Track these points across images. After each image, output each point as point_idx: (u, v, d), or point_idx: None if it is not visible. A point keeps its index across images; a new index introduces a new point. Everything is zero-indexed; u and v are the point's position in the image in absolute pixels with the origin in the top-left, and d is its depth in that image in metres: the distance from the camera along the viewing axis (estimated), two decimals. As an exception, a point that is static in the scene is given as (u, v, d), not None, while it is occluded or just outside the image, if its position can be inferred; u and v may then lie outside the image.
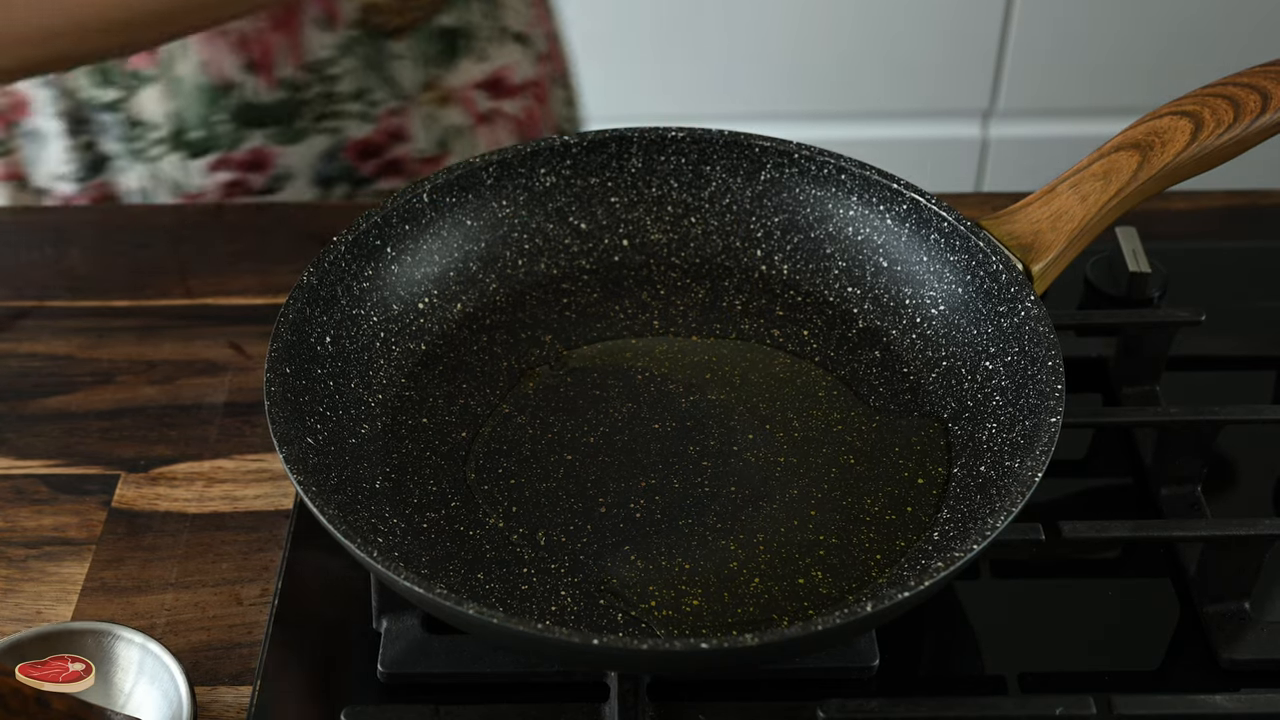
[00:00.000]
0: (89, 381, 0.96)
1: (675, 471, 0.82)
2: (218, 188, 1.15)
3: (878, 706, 0.72)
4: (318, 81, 1.12)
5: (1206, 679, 0.78)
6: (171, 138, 1.12)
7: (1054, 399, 0.76)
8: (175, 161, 1.13)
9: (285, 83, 1.11)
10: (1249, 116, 0.84)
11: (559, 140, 0.91)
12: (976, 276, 0.84)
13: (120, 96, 1.10)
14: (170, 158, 1.13)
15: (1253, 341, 0.98)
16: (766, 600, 0.76)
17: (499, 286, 0.91)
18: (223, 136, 1.12)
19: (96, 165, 1.15)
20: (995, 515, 0.72)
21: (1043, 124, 2.08)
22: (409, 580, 0.68)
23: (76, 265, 1.05)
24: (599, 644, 0.67)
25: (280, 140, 1.13)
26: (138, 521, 0.88)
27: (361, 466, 0.80)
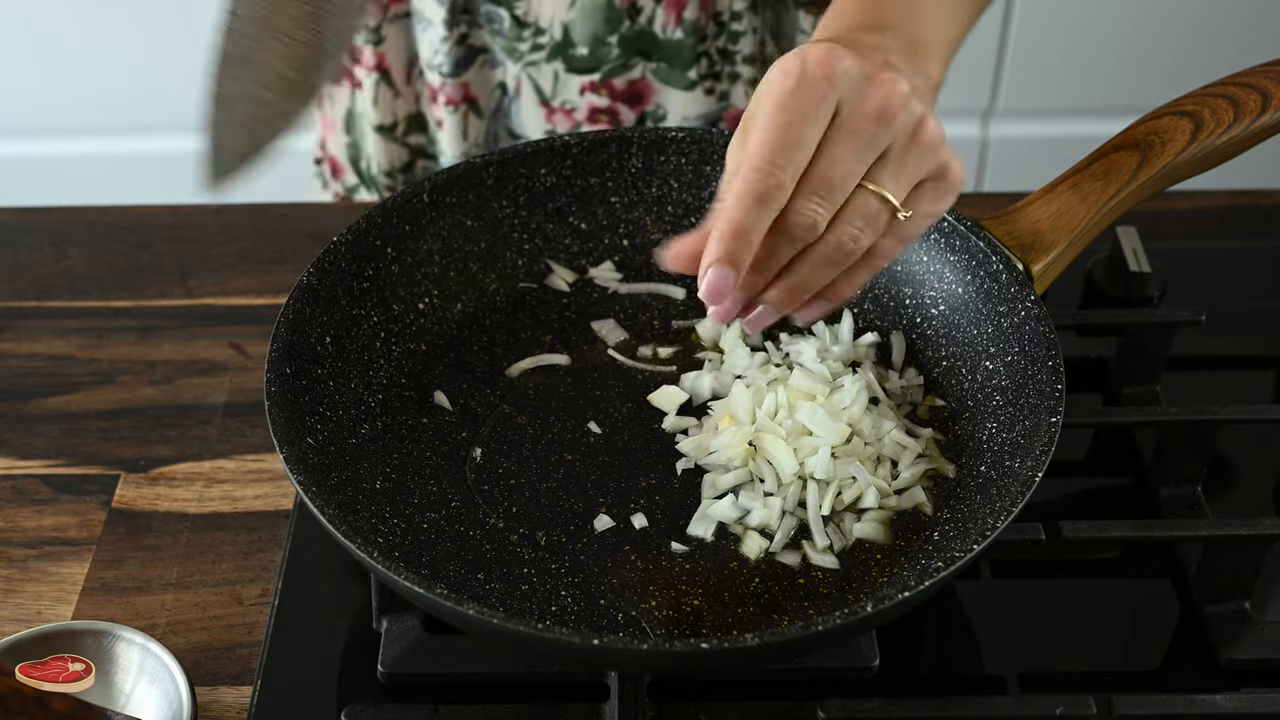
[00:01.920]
0: (89, 381, 0.96)
1: (675, 471, 0.81)
2: (586, 110, 1.14)
3: (878, 706, 0.72)
4: (720, 34, 1.09)
5: (1206, 679, 0.78)
6: (557, 47, 1.11)
7: (1054, 399, 0.76)
8: (551, 71, 1.12)
9: (689, 25, 1.09)
10: (1249, 116, 0.84)
11: (559, 140, 0.91)
12: (977, 276, 0.84)
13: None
14: (547, 67, 1.12)
15: (1253, 341, 0.98)
16: (766, 600, 0.76)
17: (499, 286, 0.91)
18: (609, 61, 1.11)
19: (466, 60, 1.14)
20: (995, 515, 0.72)
21: (1043, 124, 2.08)
22: (409, 580, 0.68)
23: (76, 265, 1.05)
24: (599, 644, 0.67)
25: (663, 78, 1.11)
26: (138, 521, 0.88)
27: (362, 466, 0.80)
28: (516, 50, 1.12)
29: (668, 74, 1.11)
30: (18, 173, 2.07)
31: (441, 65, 1.14)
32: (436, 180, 0.88)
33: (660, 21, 1.08)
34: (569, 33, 1.10)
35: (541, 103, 1.14)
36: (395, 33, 1.16)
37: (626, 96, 1.12)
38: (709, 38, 1.10)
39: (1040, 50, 2.03)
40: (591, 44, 1.10)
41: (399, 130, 1.21)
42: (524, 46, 1.11)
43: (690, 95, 1.13)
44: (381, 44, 1.16)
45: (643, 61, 1.11)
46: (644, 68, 1.11)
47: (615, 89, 1.12)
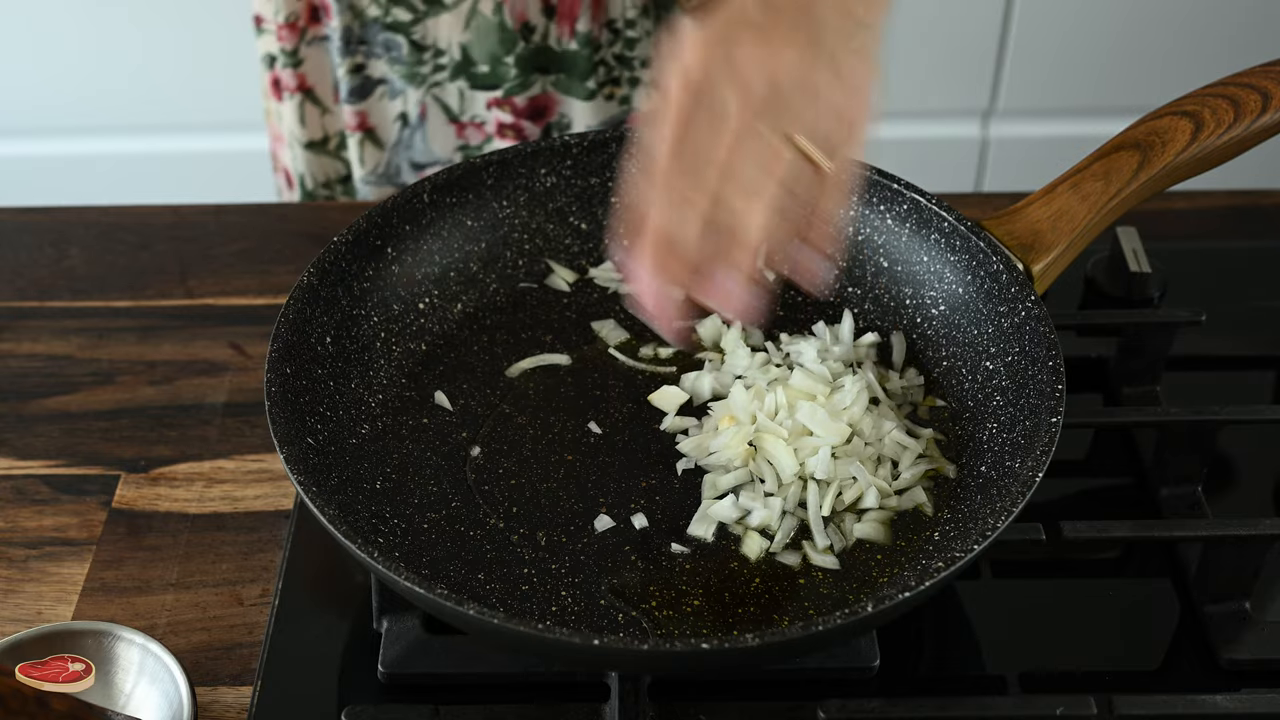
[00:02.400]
0: (89, 381, 0.96)
1: (675, 471, 0.81)
2: (494, 124, 1.14)
3: (878, 706, 0.72)
4: (616, 41, 1.10)
5: (1206, 679, 0.78)
6: (459, 66, 1.12)
7: (1054, 399, 0.76)
8: (456, 89, 1.13)
9: (583, 36, 1.09)
10: (1249, 116, 0.84)
11: (559, 140, 0.91)
12: (977, 277, 0.84)
13: (411, 19, 1.10)
14: (452, 85, 1.13)
15: (1253, 341, 0.98)
16: (766, 600, 0.76)
17: (499, 286, 0.91)
18: (508, 80, 1.11)
19: (363, 89, 1.15)
20: (995, 515, 0.72)
21: (1043, 124, 2.08)
22: (410, 580, 0.68)
23: (76, 265, 1.05)
24: (599, 644, 0.67)
25: (567, 90, 1.12)
26: (138, 522, 0.88)
27: (362, 466, 0.80)
28: (418, 74, 1.13)
29: (568, 85, 1.12)
30: (18, 173, 2.07)
31: (342, 90, 1.16)
32: (436, 180, 0.88)
33: (554, 36, 1.09)
34: (468, 52, 1.11)
35: (451, 120, 1.15)
36: (315, 54, 1.18)
37: (529, 112, 1.14)
38: (604, 46, 1.11)
39: (1040, 50, 2.03)
40: (491, 63, 1.11)
41: (331, 145, 1.23)
42: (425, 69, 1.12)
43: (592, 104, 1.14)
44: (300, 65, 1.18)
45: (541, 77, 1.12)
46: (543, 82, 1.12)
47: (517, 106, 1.13)
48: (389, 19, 1.10)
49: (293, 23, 1.15)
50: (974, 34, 2.04)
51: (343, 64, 1.13)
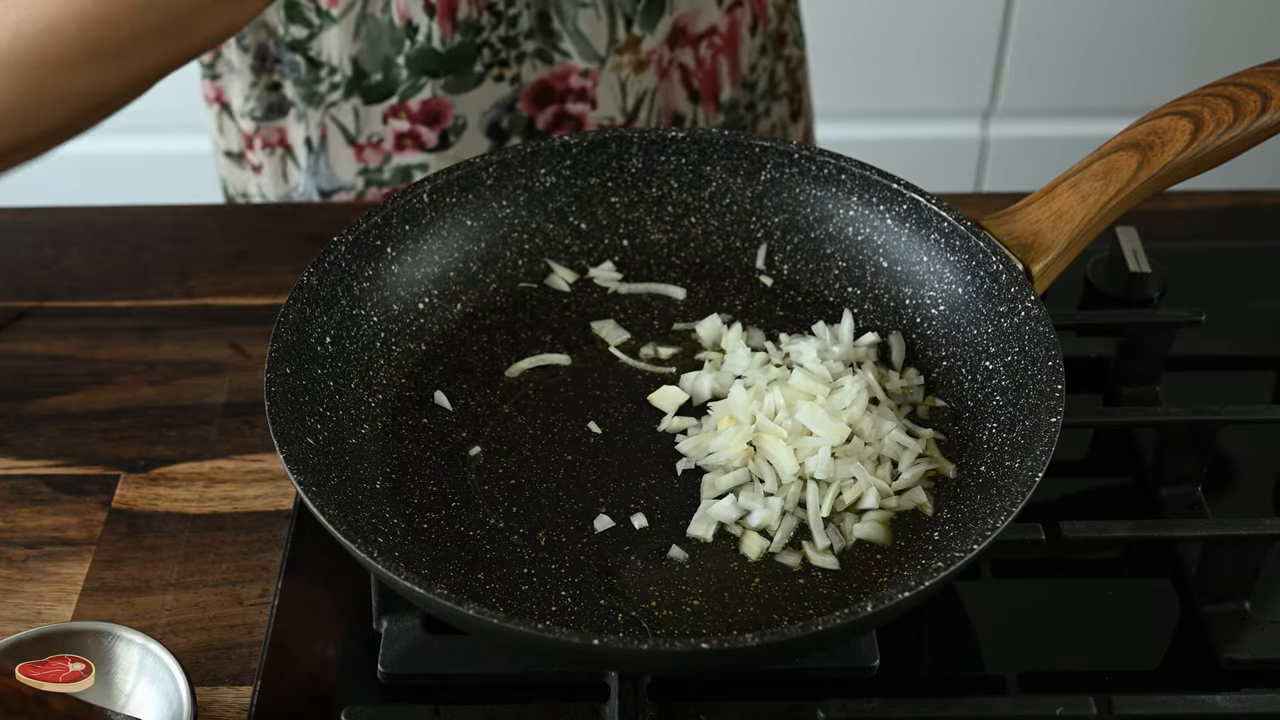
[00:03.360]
0: (89, 381, 0.96)
1: (675, 471, 0.82)
2: (392, 138, 1.14)
3: (878, 706, 0.72)
4: (498, 22, 1.10)
5: (1206, 679, 0.78)
6: (350, 82, 1.12)
7: (1054, 399, 0.76)
8: (351, 108, 1.13)
9: (464, 24, 1.09)
10: (1249, 116, 0.84)
11: (559, 140, 0.91)
12: (977, 276, 0.84)
13: (306, 35, 1.10)
14: (346, 104, 1.13)
15: (1253, 341, 0.98)
16: (766, 600, 0.76)
17: (499, 286, 0.91)
18: (400, 82, 1.11)
19: (280, 108, 1.15)
20: (995, 515, 0.72)
21: (1043, 124, 2.08)
22: (409, 580, 0.68)
23: (76, 265, 1.05)
24: (599, 644, 0.67)
25: (454, 89, 1.12)
26: (138, 522, 0.88)
27: (362, 467, 0.80)
28: (316, 94, 1.13)
29: (456, 84, 1.12)
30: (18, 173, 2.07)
31: (254, 110, 1.16)
32: (436, 180, 0.88)
33: (438, 36, 1.09)
34: (359, 64, 1.11)
35: (349, 142, 1.15)
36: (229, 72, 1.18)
37: (424, 117, 1.13)
38: (486, 28, 1.10)
39: (1040, 50, 2.03)
40: (383, 67, 1.11)
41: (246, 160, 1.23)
42: (322, 88, 1.13)
43: (481, 90, 1.13)
44: (218, 79, 1.18)
45: (430, 80, 1.12)
46: (433, 85, 1.12)
47: (412, 111, 1.13)
48: (288, 37, 1.10)
49: None
50: (974, 34, 2.04)
51: (258, 82, 1.13)
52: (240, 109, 1.17)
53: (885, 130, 2.12)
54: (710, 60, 1.19)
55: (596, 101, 1.14)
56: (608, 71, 1.13)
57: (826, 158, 0.90)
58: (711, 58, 1.19)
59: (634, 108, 1.15)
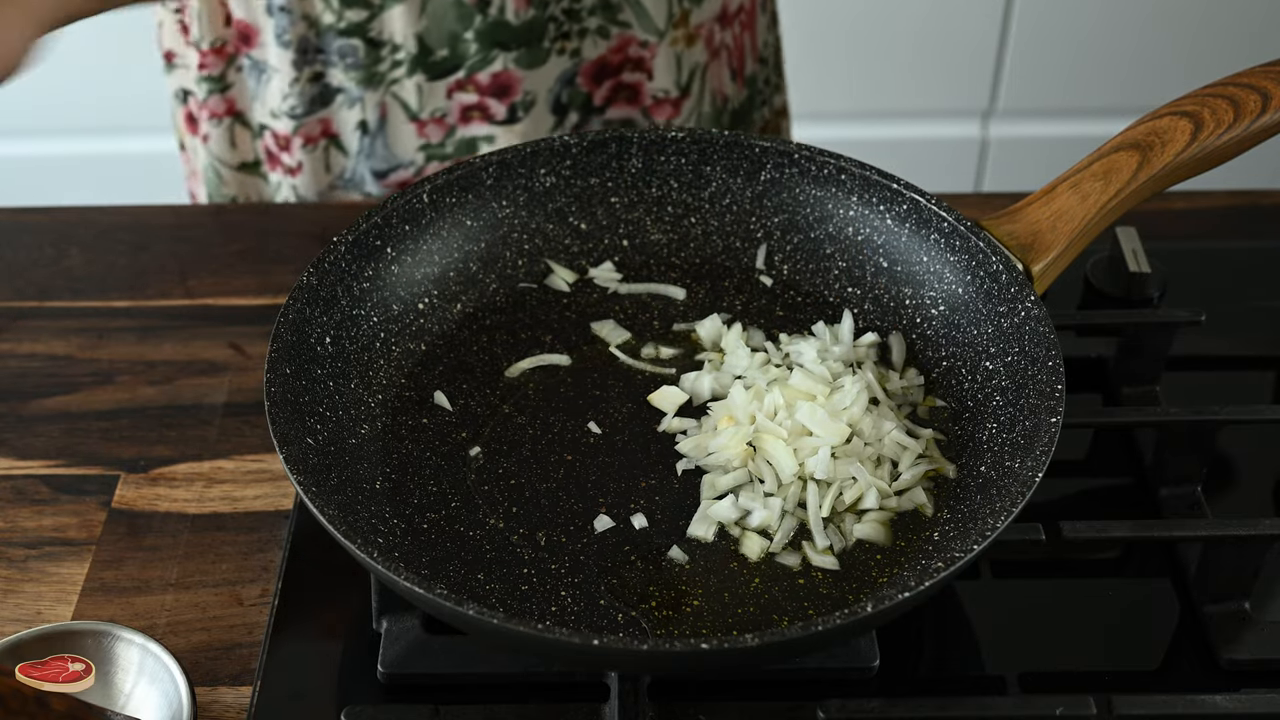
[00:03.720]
0: (89, 381, 0.96)
1: (675, 472, 0.82)
2: (457, 111, 1.14)
3: (878, 706, 0.72)
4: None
5: (1206, 679, 0.78)
6: (415, 59, 1.11)
7: (1054, 399, 0.76)
8: (414, 85, 1.13)
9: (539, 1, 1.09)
10: (1249, 116, 0.84)
11: (559, 140, 0.91)
12: (977, 277, 0.84)
13: (365, 18, 1.10)
14: (409, 81, 1.13)
15: (1253, 341, 0.98)
16: (766, 600, 0.76)
17: (499, 286, 0.91)
18: (469, 57, 1.11)
19: (323, 98, 1.14)
20: (995, 515, 0.72)
21: (1043, 124, 2.08)
22: (409, 581, 0.68)
23: (76, 265, 1.05)
24: (599, 644, 0.67)
25: (525, 63, 1.12)
26: (138, 522, 0.88)
27: (362, 467, 0.80)
28: (375, 74, 1.12)
29: (528, 58, 1.12)
30: (18, 173, 2.07)
31: (294, 108, 1.15)
32: (436, 180, 0.88)
33: (511, 9, 1.09)
34: (424, 41, 1.10)
35: (411, 119, 1.15)
36: (243, 79, 1.17)
37: (493, 90, 1.13)
38: (552, 2, 1.11)
39: (1040, 50, 2.03)
40: (450, 43, 1.11)
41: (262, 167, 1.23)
42: (383, 68, 1.12)
43: (548, 65, 1.13)
44: (228, 90, 1.17)
45: (501, 52, 1.11)
46: (504, 59, 1.11)
47: (480, 84, 1.13)
48: (343, 24, 1.10)
49: (219, 48, 1.15)
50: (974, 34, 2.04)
51: (299, 76, 1.13)
52: (277, 109, 1.16)
53: (885, 130, 2.12)
54: (738, 36, 1.21)
55: (653, 72, 1.15)
56: (665, 45, 1.14)
57: (826, 158, 0.90)
58: (739, 33, 1.21)
59: (687, 82, 1.17)
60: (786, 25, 2.01)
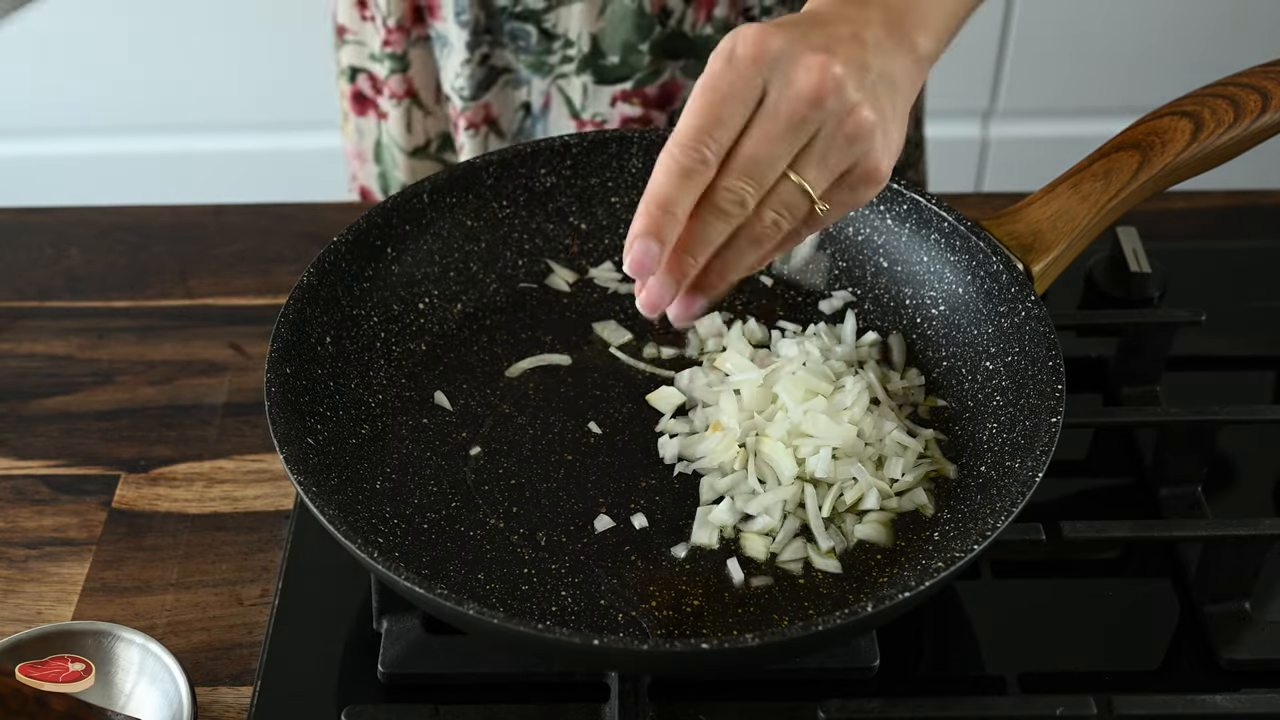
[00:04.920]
0: (89, 381, 0.96)
1: (675, 472, 0.81)
2: (618, 121, 1.13)
3: (878, 706, 0.72)
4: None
5: (1206, 679, 0.78)
6: (586, 59, 1.11)
7: (1054, 399, 0.76)
8: (581, 84, 1.12)
9: (719, 23, 1.08)
10: (1249, 116, 0.84)
11: (559, 140, 0.91)
12: (977, 277, 0.84)
13: (544, 7, 1.09)
14: (577, 79, 1.12)
15: (1253, 341, 0.98)
16: (766, 600, 0.76)
17: (499, 286, 0.91)
18: (639, 69, 1.10)
19: (488, 81, 1.13)
20: (995, 515, 0.72)
21: (1043, 124, 2.08)
22: (409, 580, 0.68)
23: (76, 265, 1.05)
24: (599, 644, 0.67)
25: (692, 73, 1.10)
26: (138, 522, 0.88)
27: (362, 467, 0.80)
28: (545, 64, 1.11)
29: (695, 69, 1.11)
30: (18, 173, 2.07)
31: (463, 89, 1.14)
32: (437, 180, 0.88)
33: (690, 21, 1.08)
34: (598, 43, 1.10)
35: (573, 115, 1.14)
36: (420, 55, 1.16)
37: (659, 101, 1.12)
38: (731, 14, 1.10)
39: (1040, 50, 2.03)
40: (623, 52, 1.10)
41: (432, 148, 1.22)
42: (553, 59, 1.11)
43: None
44: (408, 69, 1.16)
45: (671, 63, 1.11)
46: (673, 68, 1.11)
47: (648, 96, 1.12)
48: (519, 8, 1.09)
49: (403, 25, 1.14)
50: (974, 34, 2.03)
51: (471, 58, 1.11)
52: (451, 85, 1.14)
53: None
54: None
55: None
56: None
57: (826, 158, 0.89)
58: None
59: None
60: (786, 25, 2.01)
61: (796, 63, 0.68)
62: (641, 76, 1.11)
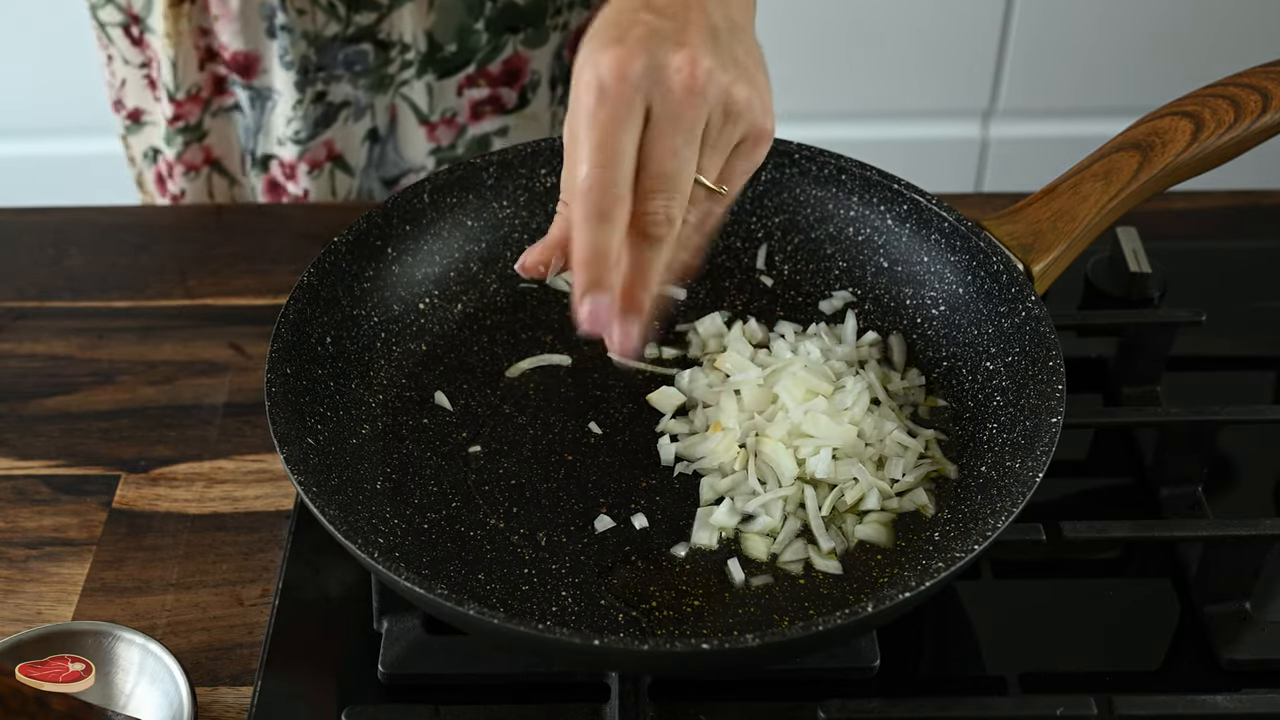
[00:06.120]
0: (89, 381, 0.96)
1: (675, 472, 0.81)
2: (468, 109, 1.13)
3: (878, 706, 0.72)
4: None
5: (1206, 679, 0.78)
6: (425, 57, 1.11)
7: (1054, 399, 0.76)
8: (424, 86, 1.12)
9: None
10: (1249, 117, 0.84)
11: (559, 140, 0.91)
12: (977, 277, 0.84)
13: (374, 20, 1.09)
14: (419, 82, 1.12)
15: (1253, 341, 0.98)
16: (766, 600, 0.76)
17: (499, 286, 0.91)
18: (479, 49, 1.10)
19: (326, 118, 1.13)
20: (996, 515, 0.72)
21: (1043, 124, 2.08)
22: (410, 581, 0.68)
23: (76, 265, 1.05)
24: (600, 644, 0.67)
25: (533, 43, 1.11)
26: (138, 522, 0.88)
27: (362, 467, 0.80)
28: (385, 77, 1.12)
29: (535, 38, 1.11)
30: (18, 173, 2.07)
31: (299, 132, 1.13)
32: (437, 180, 0.88)
33: None
34: (433, 38, 1.10)
35: (422, 121, 1.15)
36: (219, 125, 1.16)
37: (504, 78, 1.12)
38: None
39: (1040, 50, 2.03)
40: (459, 37, 1.10)
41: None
42: (392, 69, 1.11)
43: (549, 42, 1.13)
44: (205, 138, 1.16)
45: (511, 36, 1.11)
46: (513, 42, 1.11)
47: (492, 74, 1.12)
48: (350, 30, 1.09)
49: (195, 95, 1.13)
50: (974, 34, 2.04)
51: (303, 97, 1.11)
52: (282, 135, 1.14)
53: (885, 130, 2.11)
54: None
55: None
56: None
57: (826, 158, 0.90)
58: None
59: None
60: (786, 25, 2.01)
61: (666, 69, 0.68)
62: (482, 56, 1.11)
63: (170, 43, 1.08)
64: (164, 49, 1.09)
